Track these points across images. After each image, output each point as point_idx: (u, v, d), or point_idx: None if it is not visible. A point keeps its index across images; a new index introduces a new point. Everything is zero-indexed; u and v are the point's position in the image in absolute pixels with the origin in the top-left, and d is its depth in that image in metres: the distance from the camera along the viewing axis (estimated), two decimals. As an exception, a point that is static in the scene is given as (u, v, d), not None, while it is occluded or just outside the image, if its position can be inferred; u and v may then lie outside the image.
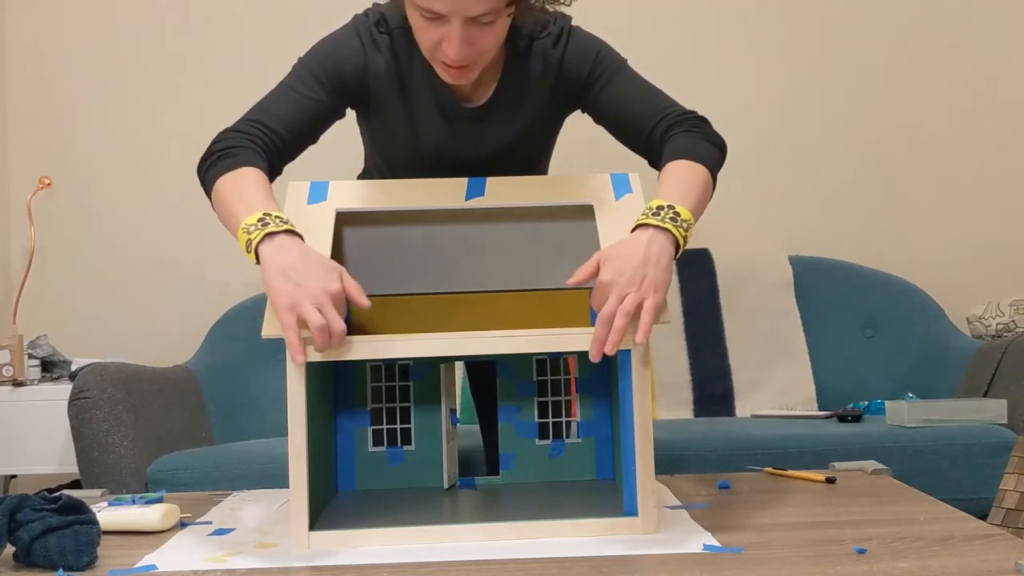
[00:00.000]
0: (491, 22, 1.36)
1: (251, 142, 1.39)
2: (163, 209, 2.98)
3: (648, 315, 1.16)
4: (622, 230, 1.29)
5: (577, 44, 1.54)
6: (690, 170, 1.38)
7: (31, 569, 1.09)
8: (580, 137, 1.77)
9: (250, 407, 2.63)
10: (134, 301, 2.97)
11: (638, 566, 1.05)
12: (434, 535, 1.17)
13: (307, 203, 1.35)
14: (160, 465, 2.11)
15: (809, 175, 3.01)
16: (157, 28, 3.01)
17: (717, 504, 1.35)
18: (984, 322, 2.68)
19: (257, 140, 1.40)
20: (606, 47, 1.56)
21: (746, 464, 1.89)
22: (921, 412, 2.18)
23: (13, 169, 2.99)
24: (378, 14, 1.53)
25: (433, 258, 1.46)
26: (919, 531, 1.16)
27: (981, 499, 1.94)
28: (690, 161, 1.39)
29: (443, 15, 1.33)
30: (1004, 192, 3.00)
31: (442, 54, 1.39)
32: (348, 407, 1.44)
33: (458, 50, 1.36)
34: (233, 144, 1.38)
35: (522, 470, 1.45)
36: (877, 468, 1.58)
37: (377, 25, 1.52)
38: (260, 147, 1.40)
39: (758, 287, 2.77)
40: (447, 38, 1.36)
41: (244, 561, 1.11)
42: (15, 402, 2.48)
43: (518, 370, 1.45)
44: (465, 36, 1.35)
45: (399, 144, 1.60)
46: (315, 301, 1.14)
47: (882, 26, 3.01)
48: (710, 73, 2.99)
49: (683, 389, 2.67)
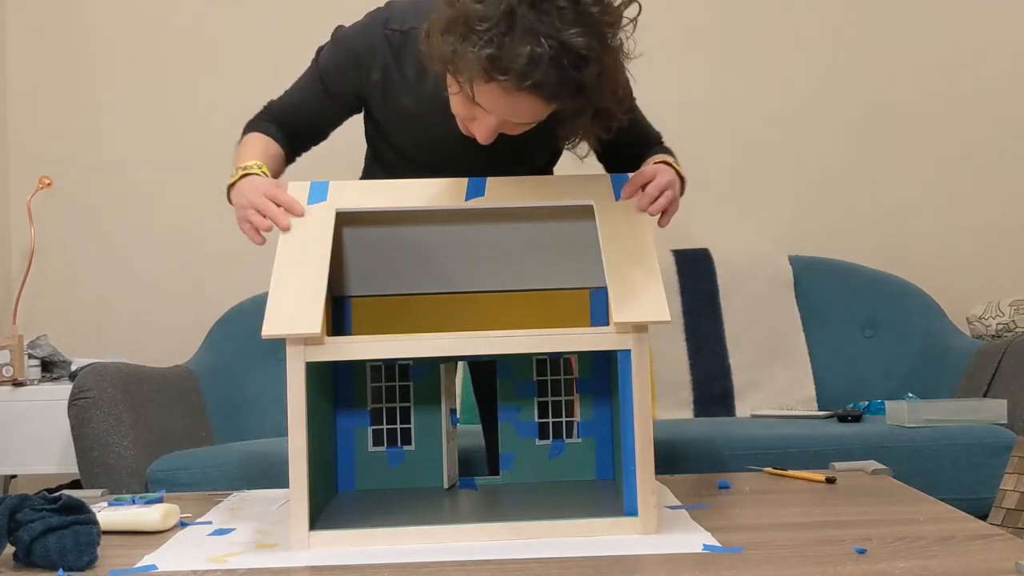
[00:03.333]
0: (526, 124, 1.34)
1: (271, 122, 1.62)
2: (163, 209, 2.98)
3: (671, 212, 1.41)
4: (622, 230, 1.30)
5: None
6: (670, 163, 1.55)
7: (31, 569, 1.09)
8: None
9: (250, 407, 2.63)
10: (134, 301, 2.97)
11: (638, 566, 1.05)
12: (434, 535, 1.17)
13: (307, 203, 1.35)
14: (160, 465, 2.11)
15: (809, 175, 3.01)
16: (157, 28, 3.01)
17: (717, 504, 1.35)
18: (984, 322, 2.68)
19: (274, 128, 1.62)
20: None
21: (746, 464, 1.89)
22: (921, 412, 2.18)
23: (13, 169, 2.99)
24: (393, 11, 1.53)
25: (433, 258, 1.46)
26: (919, 531, 1.16)
27: (981, 499, 1.94)
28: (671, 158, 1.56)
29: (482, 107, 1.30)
30: (1004, 192, 2.99)
31: (470, 127, 1.36)
32: (348, 407, 1.44)
33: (487, 138, 1.34)
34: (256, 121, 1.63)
35: (522, 470, 1.45)
36: (877, 468, 1.58)
37: (390, 23, 1.52)
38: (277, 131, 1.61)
39: (758, 287, 2.77)
40: (479, 124, 1.32)
41: (244, 561, 1.11)
42: (15, 402, 2.48)
43: (518, 370, 1.45)
44: (498, 127, 1.32)
45: (406, 136, 1.60)
46: (254, 206, 1.36)
47: (882, 26, 3.01)
48: (710, 73, 2.99)
49: (683, 389, 2.67)
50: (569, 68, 1.21)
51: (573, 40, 1.19)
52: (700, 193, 3.00)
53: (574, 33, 1.20)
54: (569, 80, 1.22)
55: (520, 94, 1.23)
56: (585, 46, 1.20)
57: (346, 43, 1.56)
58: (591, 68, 1.22)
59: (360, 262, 1.45)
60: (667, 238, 2.82)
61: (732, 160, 2.98)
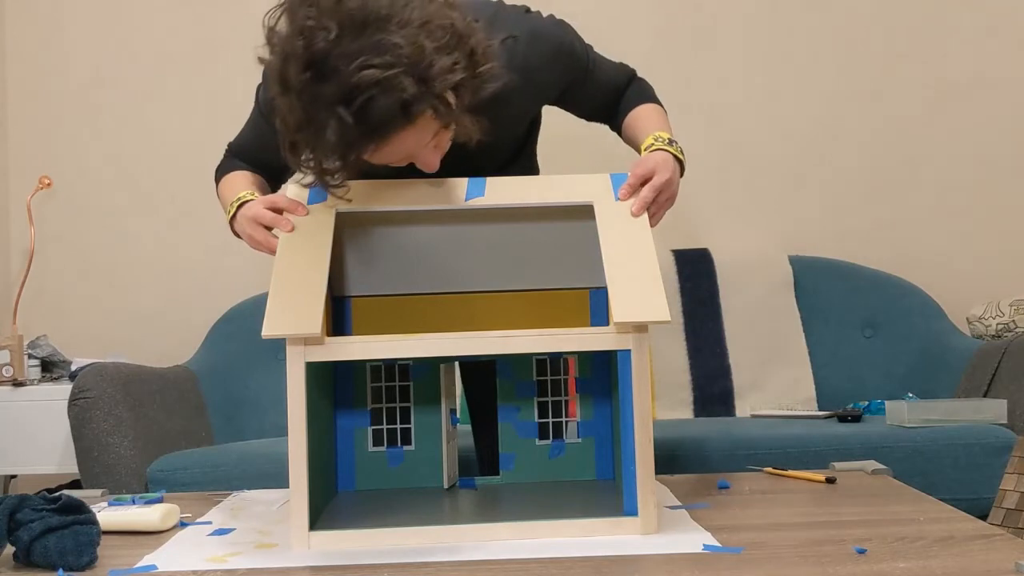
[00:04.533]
0: (440, 133, 1.28)
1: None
2: (163, 209, 2.98)
3: (665, 209, 1.42)
4: (622, 230, 1.29)
5: (539, 51, 1.48)
6: (664, 116, 1.61)
7: (31, 569, 1.09)
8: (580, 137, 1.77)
9: (250, 407, 2.63)
10: (134, 301, 2.97)
11: (638, 566, 1.05)
12: (434, 535, 1.17)
13: (307, 203, 1.35)
14: (160, 465, 2.11)
15: (809, 175, 3.00)
16: (157, 28, 3.01)
17: (717, 504, 1.35)
18: (984, 322, 2.68)
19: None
20: (567, 41, 1.52)
21: (746, 464, 1.89)
22: (921, 412, 2.18)
23: (13, 169, 2.99)
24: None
25: (433, 258, 1.46)
26: (919, 531, 1.16)
27: (981, 499, 1.94)
28: (654, 105, 1.63)
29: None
30: (1004, 192, 2.99)
31: (418, 165, 1.34)
32: (348, 407, 1.44)
33: (432, 166, 1.33)
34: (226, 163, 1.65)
35: (522, 470, 1.45)
36: (877, 468, 1.58)
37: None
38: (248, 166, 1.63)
39: (758, 287, 2.77)
40: (415, 160, 1.31)
41: (244, 561, 1.11)
42: (15, 402, 2.48)
43: (518, 370, 1.45)
44: (430, 155, 1.31)
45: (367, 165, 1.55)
46: (257, 219, 1.37)
47: (883, 26, 3.01)
48: (710, 72, 2.98)
49: (683, 389, 2.67)
50: (395, 91, 1.16)
51: (368, 74, 1.14)
52: (700, 193, 3.03)
53: (368, 65, 1.14)
54: (405, 97, 1.16)
55: (390, 141, 1.21)
56: (384, 64, 1.14)
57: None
58: (409, 73, 1.16)
59: (360, 262, 1.45)
60: (667, 238, 2.82)
61: (732, 160, 2.98)
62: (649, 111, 1.60)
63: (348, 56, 1.15)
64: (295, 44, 1.17)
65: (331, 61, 1.15)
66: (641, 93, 1.64)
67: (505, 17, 1.49)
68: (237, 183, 1.56)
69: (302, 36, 1.16)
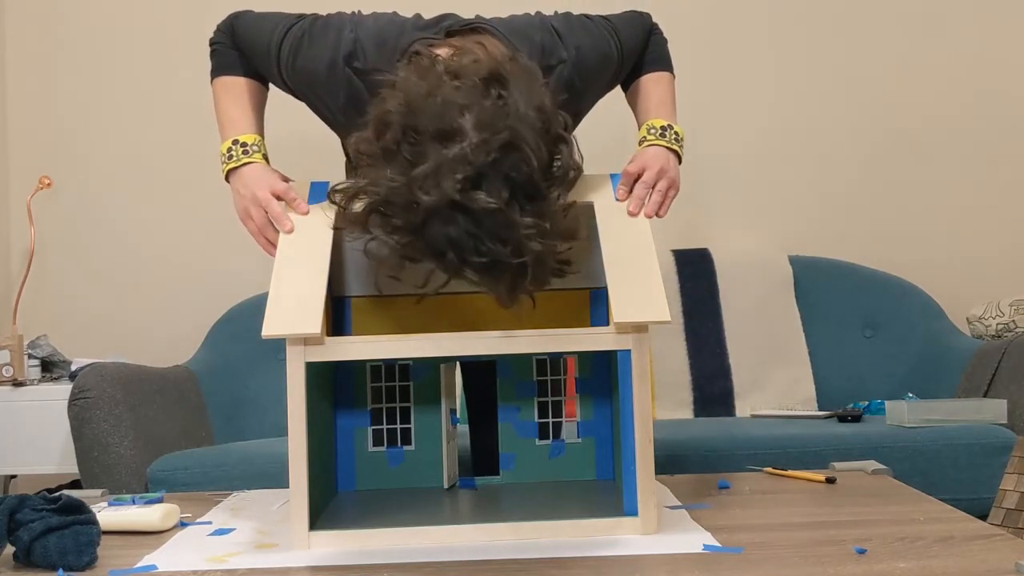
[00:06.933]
0: None
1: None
2: (163, 209, 2.98)
3: (669, 198, 1.42)
4: (622, 230, 1.29)
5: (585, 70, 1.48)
6: (667, 84, 1.58)
7: (31, 569, 1.09)
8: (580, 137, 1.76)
9: (250, 407, 2.63)
10: (134, 301, 2.97)
11: (638, 566, 1.05)
12: (434, 535, 1.17)
13: (307, 203, 1.35)
14: (160, 465, 2.11)
15: (809, 175, 3.01)
16: (157, 28, 3.01)
17: (717, 504, 1.35)
18: (984, 322, 2.68)
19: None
20: (607, 52, 1.51)
21: (746, 464, 1.89)
22: (921, 412, 2.18)
23: (13, 169, 2.99)
24: (356, 43, 1.42)
25: (433, 258, 1.46)
26: (919, 531, 1.16)
27: (981, 499, 1.93)
28: (664, 72, 1.60)
29: None
30: (1004, 192, 2.99)
31: None
32: (348, 407, 1.44)
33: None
34: (223, 53, 1.55)
35: (522, 470, 1.45)
36: (877, 468, 1.58)
37: (351, 58, 1.42)
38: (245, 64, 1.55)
39: (758, 287, 2.77)
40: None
41: (244, 561, 1.11)
42: (15, 402, 2.48)
43: (518, 370, 1.45)
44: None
45: None
46: (257, 203, 1.37)
47: (883, 26, 3.01)
48: (710, 72, 2.98)
49: (683, 389, 2.67)
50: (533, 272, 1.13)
51: (533, 245, 1.10)
52: (700, 193, 3.03)
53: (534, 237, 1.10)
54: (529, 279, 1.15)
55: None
56: (515, 252, 1.10)
57: (310, 66, 1.45)
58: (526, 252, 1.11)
59: (360, 262, 1.45)
60: (667, 238, 2.82)
61: (732, 160, 2.98)
62: (653, 83, 1.57)
63: (520, 222, 1.09)
64: (458, 151, 1.08)
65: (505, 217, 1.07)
66: (653, 56, 1.61)
67: (554, 42, 1.47)
68: (239, 103, 1.50)
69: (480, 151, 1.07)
